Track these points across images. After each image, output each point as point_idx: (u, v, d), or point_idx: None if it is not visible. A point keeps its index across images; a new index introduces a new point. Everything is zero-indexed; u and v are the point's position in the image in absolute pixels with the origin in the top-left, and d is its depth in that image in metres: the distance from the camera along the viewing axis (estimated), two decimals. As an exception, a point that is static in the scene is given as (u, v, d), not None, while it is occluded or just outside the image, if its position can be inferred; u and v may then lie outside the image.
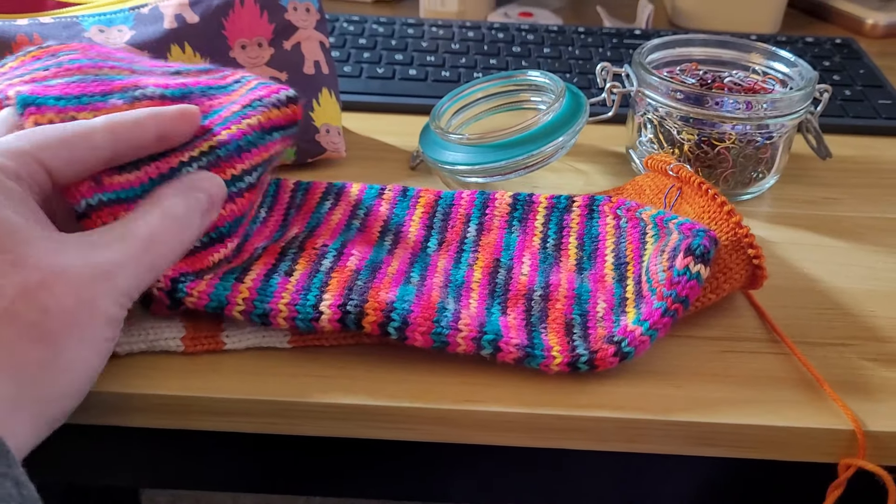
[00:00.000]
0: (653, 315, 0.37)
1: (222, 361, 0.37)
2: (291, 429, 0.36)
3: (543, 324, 0.38)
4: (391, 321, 0.36)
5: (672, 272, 0.38)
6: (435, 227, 0.44)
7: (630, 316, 0.38)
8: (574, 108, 0.51)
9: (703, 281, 0.38)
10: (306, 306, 0.36)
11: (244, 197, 0.39)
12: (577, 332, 0.37)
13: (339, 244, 0.41)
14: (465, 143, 0.50)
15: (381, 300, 0.36)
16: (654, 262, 0.39)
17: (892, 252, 0.47)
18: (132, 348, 0.37)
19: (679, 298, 0.37)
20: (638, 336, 0.36)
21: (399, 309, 0.36)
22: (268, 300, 0.36)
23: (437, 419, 0.36)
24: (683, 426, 0.35)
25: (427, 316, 0.36)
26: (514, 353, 0.36)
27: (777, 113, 0.48)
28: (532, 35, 0.72)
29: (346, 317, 0.36)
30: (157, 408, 0.36)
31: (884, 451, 0.35)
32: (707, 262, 0.38)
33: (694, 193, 0.43)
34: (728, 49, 0.55)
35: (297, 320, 0.36)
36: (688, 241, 0.38)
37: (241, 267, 0.38)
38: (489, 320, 0.37)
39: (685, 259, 0.38)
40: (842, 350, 0.39)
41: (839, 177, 0.55)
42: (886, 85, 0.66)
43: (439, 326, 0.36)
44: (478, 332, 0.36)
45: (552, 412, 0.35)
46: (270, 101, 0.41)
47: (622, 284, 0.40)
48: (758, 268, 0.40)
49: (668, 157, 0.46)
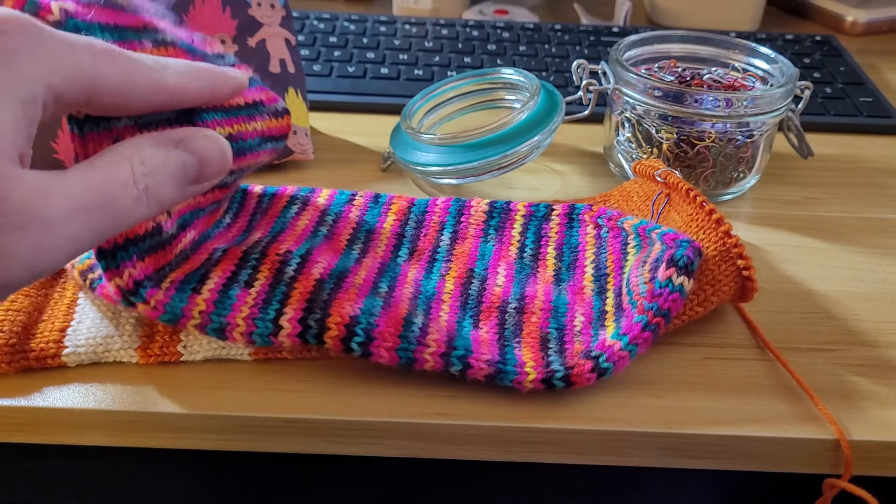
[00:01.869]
0: (633, 329, 0.35)
1: (179, 374, 0.35)
2: (253, 445, 0.35)
3: (517, 338, 0.36)
4: (354, 336, 0.34)
5: (654, 284, 0.36)
6: (407, 235, 0.42)
7: (609, 330, 0.36)
8: (549, 107, 0.49)
9: (686, 294, 0.36)
10: (265, 320, 0.34)
11: (213, 192, 0.37)
12: (552, 346, 0.35)
13: (304, 251, 0.39)
14: (437, 144, 0.48)
15: (344, 314, 0.34)
16: (634, 274, 0.38)
17: (876, 253, 0.46)
18: (82, 359, 0.35)
19: (661, 312, 0.35)
20: (617, 351, 0.34)
21: (363, 323, 0.34)
22: (225, 313, 0.34)
23: (405, 433, 0.34)
24: (662, 438, 0.34)
25: (393, 331, 0.34)
26: (486, 369, 0.34)
27: (758, 110, 0.47)
28: (507, 33, 0.71)
29: (307, 331, 0.34)
30: (110, 425, 0.34)
31: (869, 461, 0.34)
32: (690, 274, 0.36)
33: (682, 201, 0.41)
34: (707, 45, 0.54)
35: (254, 335, 0.34)
36: (670, 252, 0.37)
37: (198, 275, 0.36)
38: (459, 334, 0.35)
39: (667, 270, 0.36)
40: (826, 356, 0.38)
41: (821, 176, 0.54)
42: (867, 82, 0.65)
43: (406, 342, 0.34)
44: (446, 348, 0.34)
45: (525, 425, 0.33)
46: (270, 109, 0.38)
47: (602, 297, 0.38)
48: (748, 280, 0.38)
49: (656, 163, 0.44)
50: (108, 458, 0.38)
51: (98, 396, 0.34)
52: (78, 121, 0.29)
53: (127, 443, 0.35)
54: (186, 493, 0.41)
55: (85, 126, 0.29)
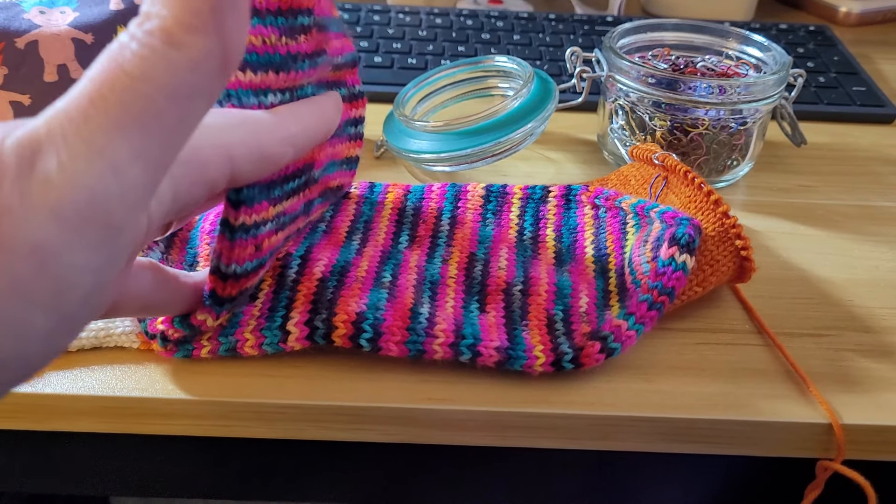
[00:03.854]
0: (639, 308, 0.35)
1: (176, 360, 0.35)
2: (245, 431, 0.34)
3: (525, 321, 0.36)
4: (363, 332, 0.33)
5: (657, 263, 0.36)
6: (405, 222, 0.42)
7: (615, 310, 0.36)
8: (543, 94, 0.49)
9: (689, 271, 0.36)
10: (272, 329, 0.34)
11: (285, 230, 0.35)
12: (559, 328, 0.35)
13: (304, 250, 0.38)
14: (430, 131, 0.48)
15: (350, 311, 0.34)
16: (636, 254, 0.38)
17: (869, 240, 0.46)
18: (82, 344, 0.35)
19: (665, 290, 0.35)
20: (624, 331, 0.34)
21: (370, 319, 0.34)
22: (233, 331, 0.34)
23: (397, 419, 0.34)
24: (655, 422, 0.34)
25: (401, 324, 0.34)
26: (495, 356, 0.34)
27: (751, 98, 0.47)
28: (502, 22, 0.70)
29: (315, 332, 0.34)
30: (102, 411, 0.34)
31: (862, 444, 0.34)
32: (692, 252, 0.36)
33: (680, 183, 0.41)
34: (701, 34, 0.54)
35: (265, 345, 0.34)
36: (672, 230, 0.37)
37: None
38: (467, 321, 0.35)
39: (670, 249, 0.36)
40: (819, 340, 0.38)
41: (814, 164, 0.54)
42: (861, 72, 0.65)
43: (414, 334, 0.34)
44: (455, 338, 0.34)
45: (519, 410, 0.33)
46: (351, 132, 0.38)
47: (604, 277, 0.38)
48: (746, 260, 0.38)
49: (653, 147, 0.44)
50: (97, 443, 0.38)
51: (92, 383, 0.34)
52: (231, 227, 0.29)
53: (119, 429, 0.34)
54: (179, 479, 0.41)
55: (237, 233, 0.29)
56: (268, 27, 0.29)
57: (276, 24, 0.29)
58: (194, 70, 0.20)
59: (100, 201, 0.19)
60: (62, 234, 0.19)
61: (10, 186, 0.18)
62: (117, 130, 0.19)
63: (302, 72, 0.31)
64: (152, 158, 0.20)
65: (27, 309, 0.19)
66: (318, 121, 0.31)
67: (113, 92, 0.19)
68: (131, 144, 0.19)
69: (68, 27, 0.43)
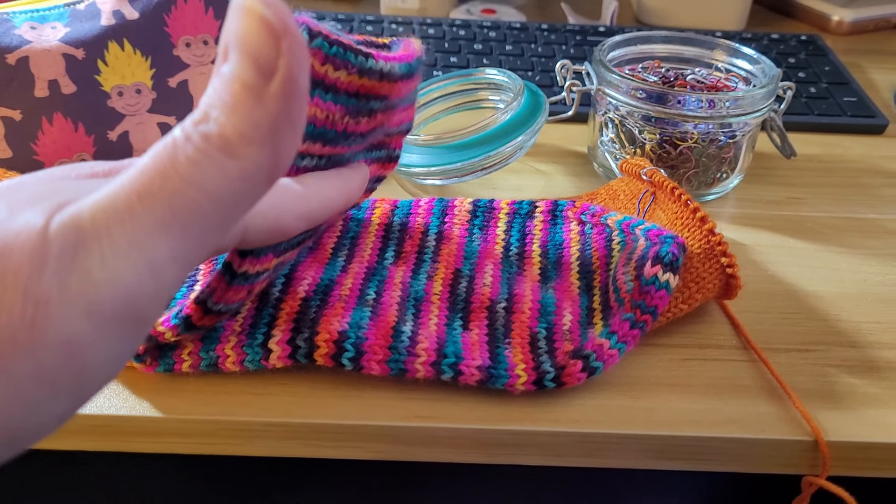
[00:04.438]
0: (622, 327, 0.35)
1: (158, 378, 0.35)
2: (231, 449, 0.34)
3: (508, 339, 0.36)
4: (344, 352, 0.34)
5: (640, 281, 0.36)
6: (392, 238, 0.42)
7: (598, 328, 0.36)
8: (533, 107, 0.49)
9: (672, 290, 0.36)
10: (254, 346, 0.34)
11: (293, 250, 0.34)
12: (542, 346, 0.35)
13: (289, 268, 0.38)
14: (420, 144, 0.48)
15: (332, 330, 0.34)
16: (620, 271, 0.38)
17: (858, 253, 0.46)
18: None
19: (648, 309, 0.35)
20: (606, 350, 0.35)
21: (352, 338, 0.34)
22: (213, 347, 0.34)
23: (383, 436, 0.34)
24: (641, 439, 0.34)
25: (383, 343, 0.34)
26: (477, 374, 0.34)
27: (740, 111, 0.47)
28: (494, 32, 0.71)
29: (297, 351, 0.34)
30: (88, 429, 0.34)
31: (847, 461, 0.34)
32: (676, 271, 0.36)
33: (667, 199, 0.42)
34: (690, 46, 0.54)
35: (246, 362, 0.34)
36: (655, 249, 0.37)
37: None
38: (449, 339, 0.35)
39: (653, 268, 0.36)
40: (806, 356, 0.38)
41: (804, 176, 0.54)
42: (852, 82, 0.65)
43: (396, 353, 0.34)
44: (437, 357, 0.34)
45: (504, 427, 0.33)
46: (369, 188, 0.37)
47: (589, 294, 0.38)
48: (731, 277, 0.38)
49: (642, 161, 0.44)
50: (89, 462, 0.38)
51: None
52: (232, 272, 0.29)
53: (105, 447, 0.35)
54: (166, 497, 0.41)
55: (236, 279, 0.30)
56: (337, 105, 0.28)
57: (346, 104, 0.29)
58: (245, 180, 0.20)
59: (134, 300, 0.19)
60: (94, 330, 0.19)
61: (51, 277, 0.18)
62: (161, 232, 0.19)
63: (348, 147, 0.31)
64: (188, 259, 0.20)
65: (49, 396, 0.19)
66: (340, 196, 0.31)
67: (163, 192, 0.19)
68: (172, 246, 0.19)
69: (59, 42, 0.43)
